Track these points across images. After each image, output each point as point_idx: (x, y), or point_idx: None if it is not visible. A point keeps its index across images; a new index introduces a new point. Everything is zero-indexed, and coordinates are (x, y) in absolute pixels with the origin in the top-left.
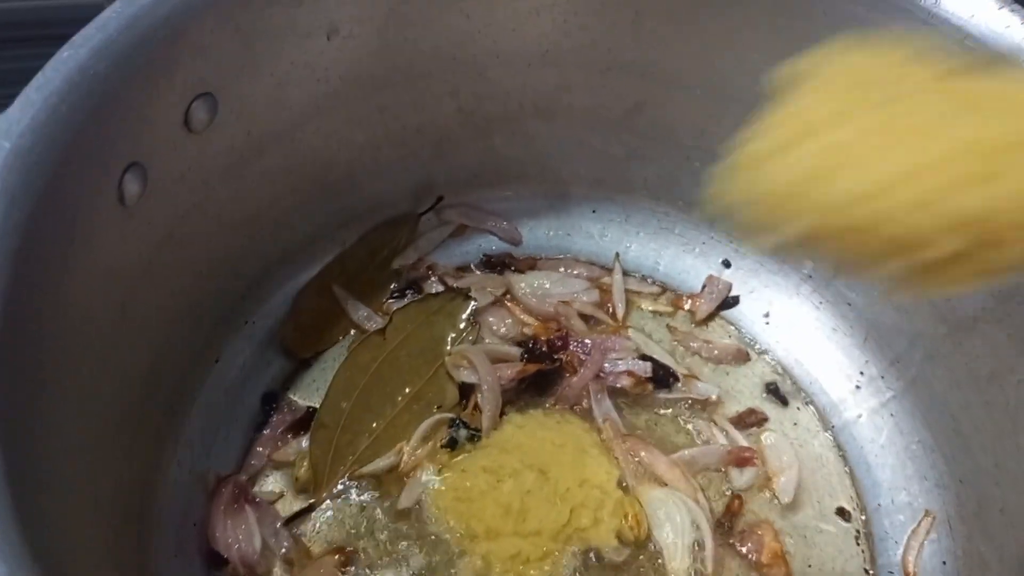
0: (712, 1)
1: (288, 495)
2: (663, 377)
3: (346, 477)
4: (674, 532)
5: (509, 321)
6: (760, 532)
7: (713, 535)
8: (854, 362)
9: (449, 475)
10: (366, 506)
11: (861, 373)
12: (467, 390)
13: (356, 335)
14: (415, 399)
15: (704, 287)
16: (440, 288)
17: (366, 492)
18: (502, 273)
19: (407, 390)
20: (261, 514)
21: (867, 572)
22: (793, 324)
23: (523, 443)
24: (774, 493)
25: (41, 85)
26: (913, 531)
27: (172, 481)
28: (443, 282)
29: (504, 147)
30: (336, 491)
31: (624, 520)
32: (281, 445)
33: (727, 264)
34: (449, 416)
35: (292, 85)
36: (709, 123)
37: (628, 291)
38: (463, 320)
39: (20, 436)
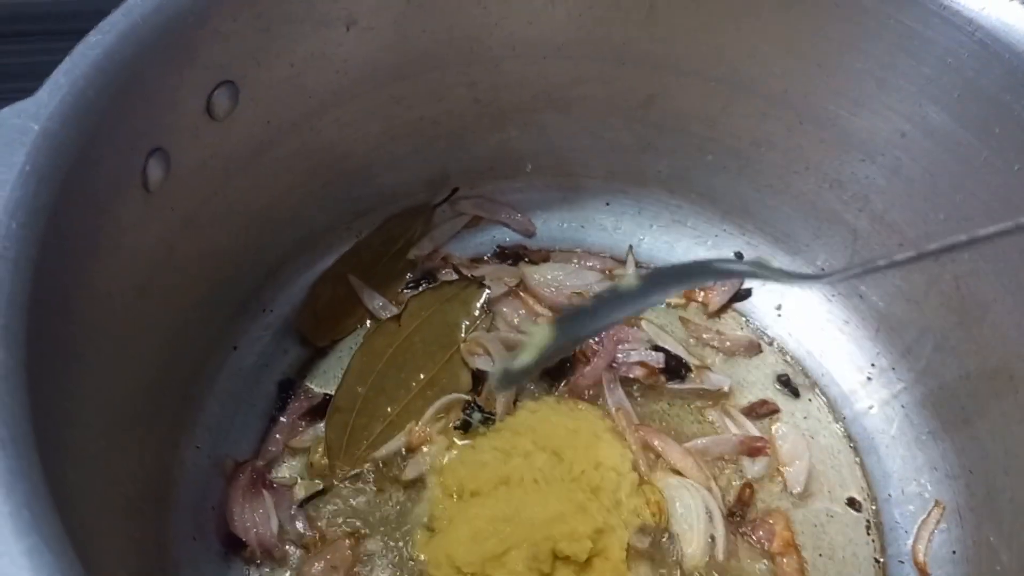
0: None
1: (304, 480)
2: (675, 368)
3: (360, 464)
4: (688, 519)
5: (523, 311)
6: (772, 521)
7: (726, 523)
8: (865, 354)
9: (457, 451)
10: (379, 488)
11: (872, 365)
12: (480, 377)
13: (372, 324)
14: (429, 385)
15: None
16: (455, 277)
17: (378, 473)
18: (516, 264)
19: (421, 376)
20: (278, 498)
21: (877, 561)
22: (805, 316)
23: (536, 427)
24: (785, 483)
25: (68, 69)
26: (923, 521)
27: (190, 465)
28: (458, 272)
29: (519, 139)
30: (350, 474)
31: (646, 506)
32: (297, 431)
33: (739, 256)
34: (464, 397)
35: (311, 75)
36: (722, 115)
37: None
38: (477, 308)
39: (51, 415)
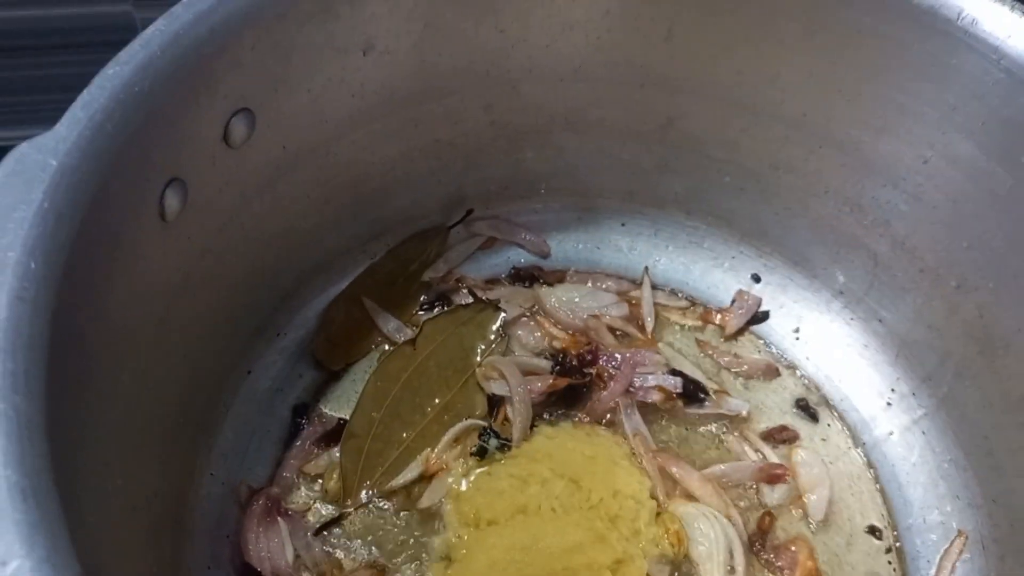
0: (745, 18)
1: (319, 506)
2: (693, 392)
3: (375, 491)
4: (708, 548)
5: (538, 334)
6: (794, 549)
7: (746, 551)
8: (885, 379)
9: (473, 478)
10: (395, 515)
11: (892, 390)
12: (496, 402)
13: (386, 347)
14: (445, 409)
15: (734, 301)
16: (470, 300)
17: (394, 501)
18: (531, 286)
19: (436, 400)
20: (293, 527)
21: None
22: (824, 340)
23: (553, 453)
24: (805, 510)
25: (87, 103)
26: (946, 551)
27: (205, 493)
28: (472, 294)
29: (535, 160)
30: (365, 501)
31: (665, 536)
32: (312, 457)
33: (757, 279)
34: (481, 424)
35: (328, 100)
36: (741, 137)
37: (657, 305)
38: (493, 331)
39: (67, 450)
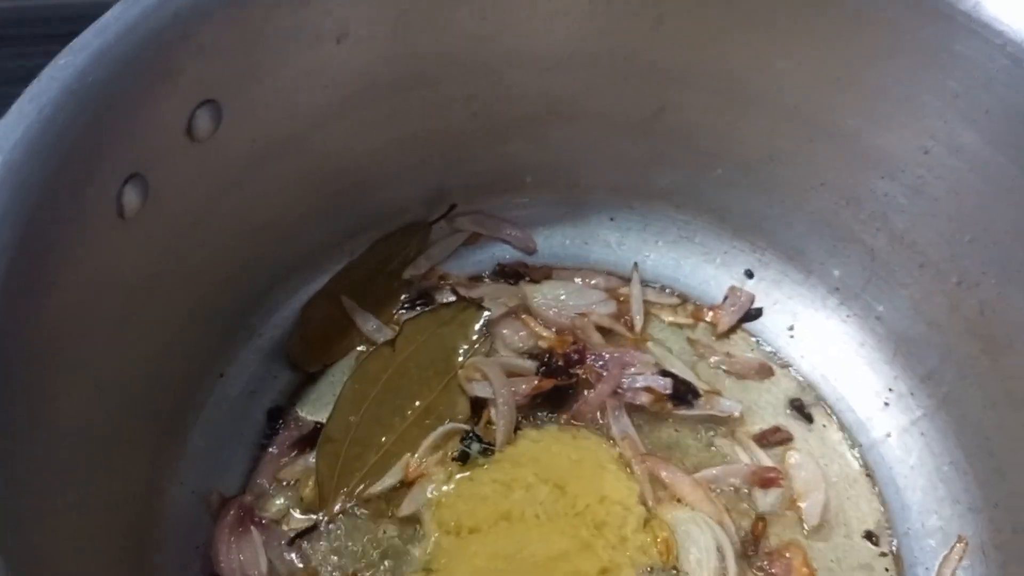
0: (738, 3)
1: (295, 514)
2: (684, 393)
3: (353, 498)
4: (699, 556)
5: (523, 333)
6: (788, 555)
7: (738, 558)
8: (882, 378)
9: (455, 484)
10: (373, 522)
11: (890, 390)
12: (479, 404)
13: (365, 348)
14: (425, 413)
15: (726, 298)
16: (452, 298)
17: (372, 508)
18: (516, 283)
19: (417, 403)
20: (268, 536)
21: None
22: (819, 338)
23: (538, 457)
24: (799, 515)
25: (36, 95)
26: (945, 557)
27: (173, 502)
28: (455, 292)
29: (519, 153)
30: (343, 508)
31: (654, 544)
32: (287, 463)
33: (750, 274)
34: (463, 427)
35: (300, 91)
36: (731, 129)
37: (647, 302)
38: (476, 331)
39: (13, 455)
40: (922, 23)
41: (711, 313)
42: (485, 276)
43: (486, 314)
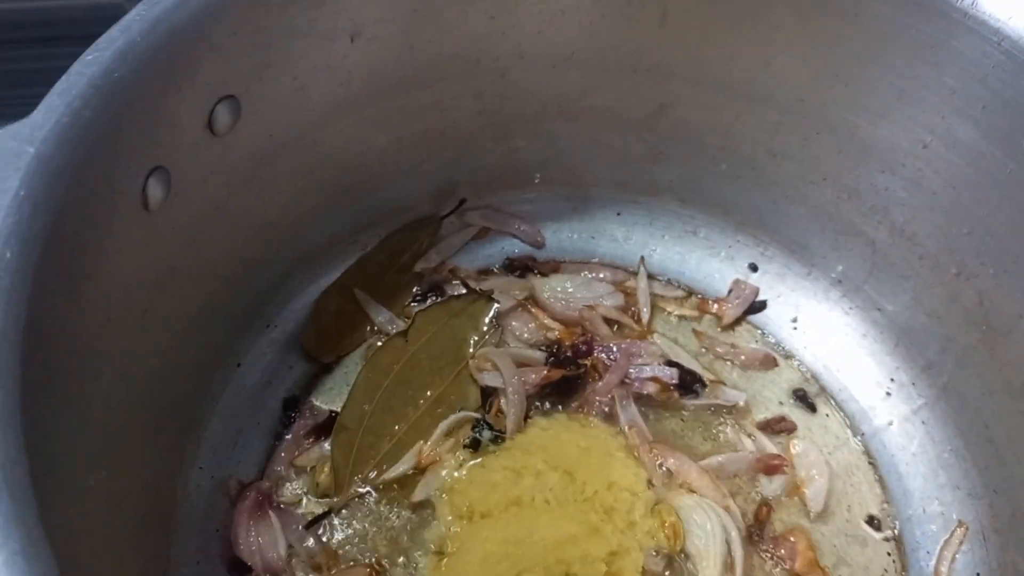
0: (738, 4)
1: (311, 499)
2: (690, 383)
3: (367, 484)
4: (705, 540)
5: (532, 325)
6: (793, 540)
7: (744, 543)
8: (884, 368)
9: (466, 471)
10: (386, 507)
11: (891, 379)
12: (489, 393)
13: (378, 339)
14: (437, 402)
15: (731, 291)
16: (463, 291)
17: (386, 493)
18: (525, 276)
19: (429, 393)
20: (285, 520)
21: None
22: (822, 329)
23: (548, 445)
24: (804, 501)
25: (64, 89)
26: (946, 541)
27: (194, 487)
28: (465, 285)
29: (527, 149)
30: (357, 494)
31: (661, 528)
32: (303, 450)
33: (754, 268)
34: (474, 415)
35: (314, 87)
36: (736, 125)
37: (653, 295)
38: (486, 323)
39: (44, 442)
40: (919, 20)
41: (716, 306)
42: (494, 269)
43: (496, 306)
